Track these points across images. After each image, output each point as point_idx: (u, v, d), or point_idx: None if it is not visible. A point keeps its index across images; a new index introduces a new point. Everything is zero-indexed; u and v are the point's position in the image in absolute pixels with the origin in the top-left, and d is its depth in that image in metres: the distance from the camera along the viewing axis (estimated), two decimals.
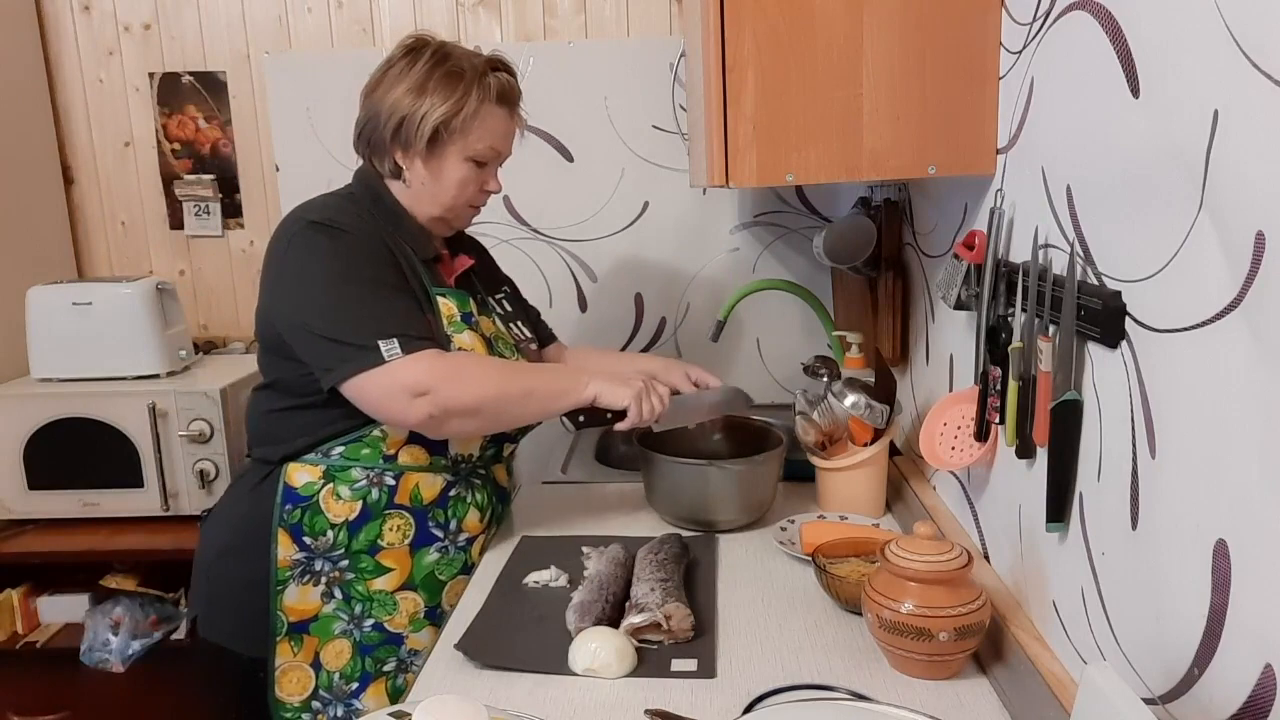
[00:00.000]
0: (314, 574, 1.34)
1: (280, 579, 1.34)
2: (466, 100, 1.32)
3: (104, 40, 2.31)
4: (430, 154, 1.34)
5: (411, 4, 2.24)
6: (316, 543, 1.34)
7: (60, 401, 1.99)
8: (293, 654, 1.34)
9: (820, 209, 2.24)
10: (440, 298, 1.35)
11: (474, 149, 1.36)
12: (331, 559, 1.34)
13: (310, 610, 1.35)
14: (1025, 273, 1.02)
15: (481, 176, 1.39)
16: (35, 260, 2.23)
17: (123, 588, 2.07)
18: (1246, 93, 0.65)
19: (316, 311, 1.25)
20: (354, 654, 1.36)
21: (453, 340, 1.33)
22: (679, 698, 1.08)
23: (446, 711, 0.78)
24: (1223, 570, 0.69)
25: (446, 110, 1.31)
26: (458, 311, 1.36)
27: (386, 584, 1.36)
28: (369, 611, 1.36)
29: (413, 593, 1.38)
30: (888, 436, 1.54)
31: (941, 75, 1.18)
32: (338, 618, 1.35)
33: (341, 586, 1.35)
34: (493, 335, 1.43)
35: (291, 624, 1.34)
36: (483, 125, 1.35)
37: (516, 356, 1.44)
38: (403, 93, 1.32)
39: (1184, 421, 0.75)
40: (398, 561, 1.36)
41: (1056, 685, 0.95)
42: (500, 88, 1.36)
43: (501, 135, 1.39)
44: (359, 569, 1.35)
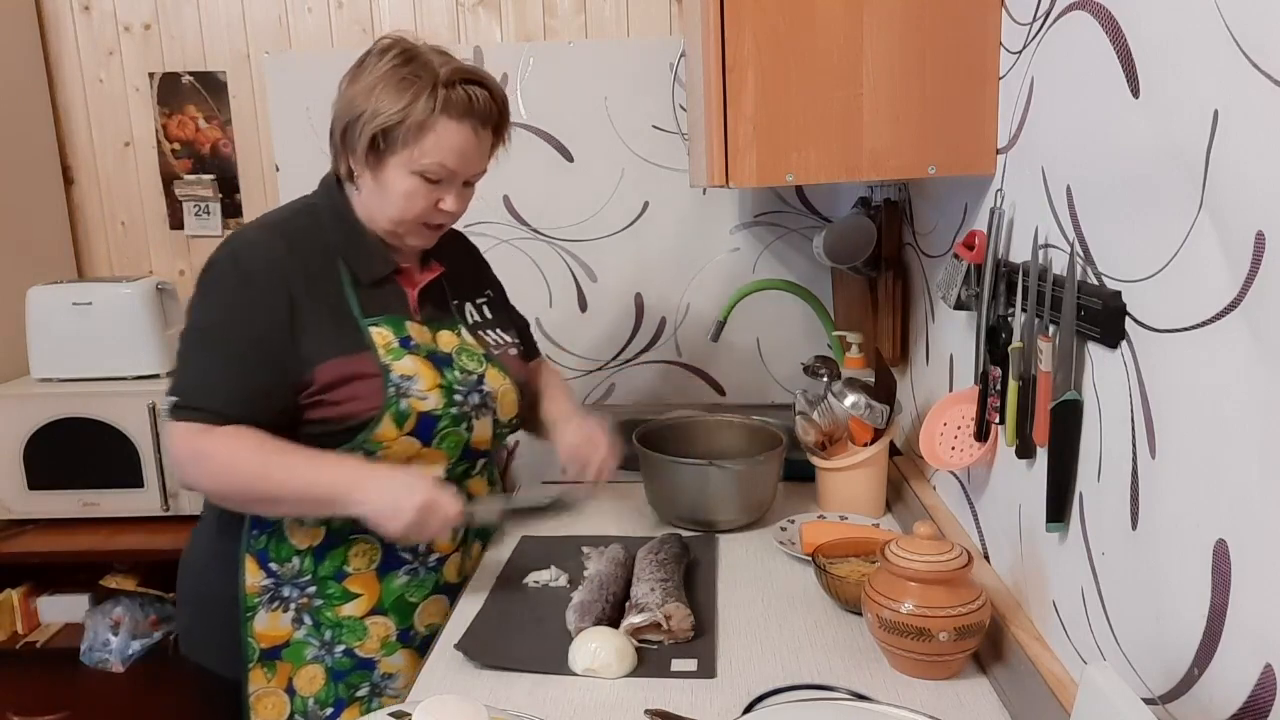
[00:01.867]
0: (283, 600, 1.30)
1: (249, 605, 1.30)
2: (412, 109, 1.21)
3: (104, 40, 2.30)
4: (374, 161, 1.25)
5: (411, 4, 2.24)
6: (283, 569, 1.30)
7: (60, 401, 1.99)
8: (266, 680, 1.31)
9: (820, 209, 2.24)
10: (374, 328, 1.27)
11: (419, 163, 1.24)
12: (299, 585, 1.30)
13: (282, 636, 1.31)
14: (1025, 273, 1.03)
15: (434, 193, 1.27)
16: (35, 260, 2.23)
17: (123, 588, 2.07)
18: (1246, 93, 0.65)
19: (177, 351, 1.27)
20: (327, 680, 1.32)
21: (391, 369, 1.25)
22: (679, 698, 1.08)
23: (446, 711, 0.78)
24: (1223, 570, 0.69)
25: (388, 118, 1.21)
26: (394, 338, 1.28)
27: (355, 610, 1.31)
28: (339, 638, 1.31)
29: (383, 617, 1.33)
30: (888, 436, 1.54)
31: (941, 75, 1.18)
32: (309, 644, 1.31)
33: (310, 613, 1.31)
34: (456, 349, 1.35)
35: (264, 650, 1.30)
36: (432, 140, 1.23)
37: (484, 367, 1.36)
38: (356, 92, 1.24)
39: (1184, 421, 0.75)
40: (365, 587, 1.32)
41: (1056, 685, 0.95)
42: (459, 101, 1.23)
43: (455, 152, 1.25)
44: (326, 595, 1.31)
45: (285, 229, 1.30)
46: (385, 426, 1.25)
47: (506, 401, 1.39)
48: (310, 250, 1.28)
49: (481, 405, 1.35)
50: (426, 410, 1.27)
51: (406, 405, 1.26)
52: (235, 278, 1.25)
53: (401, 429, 1.26)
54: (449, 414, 1.30)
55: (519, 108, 2.22)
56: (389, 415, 1.25)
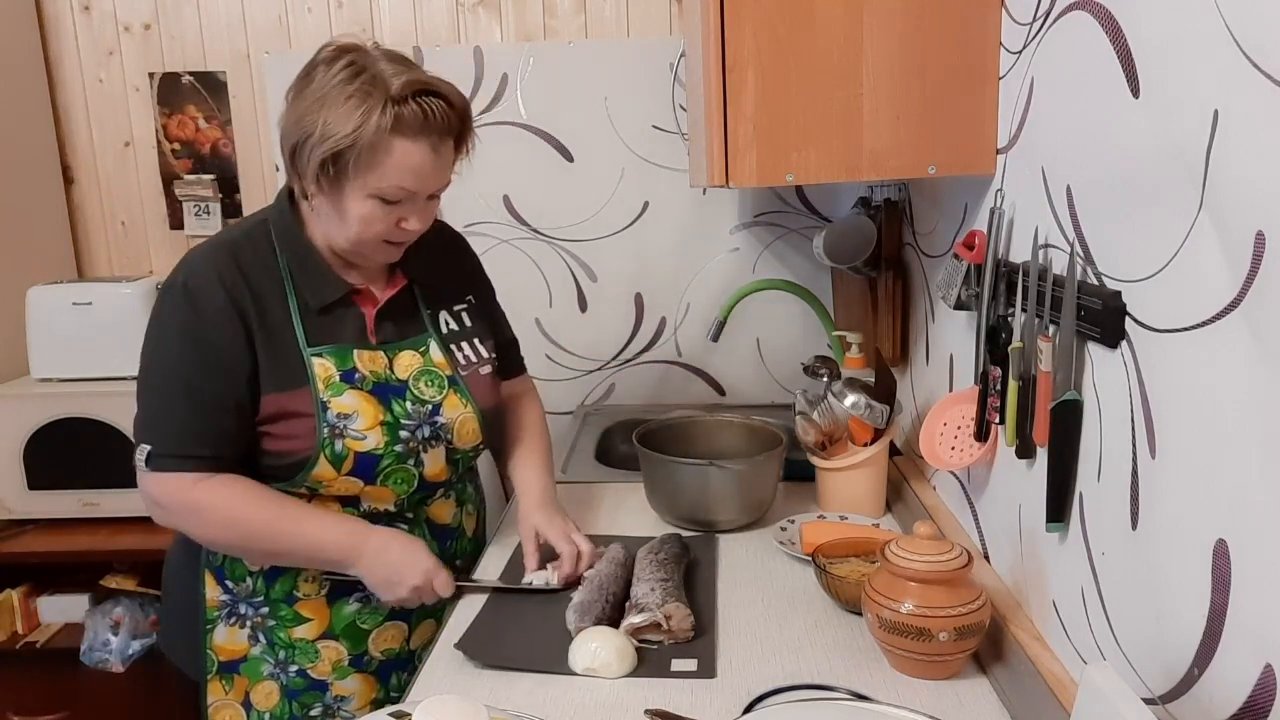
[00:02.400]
0: (239, 617, 1.29)
1: (209, 618, 1.29)
2: (363, 131, 1.11)
3: (104, 40, 2.31)
4: (327, 186, 1.16)
5: (411, 4, 2.24)
6: (238, 587, 1.29)
7: (60, 401, 1.99)
8: (224, 693, 1.31)
9: (820, 209, 2.24)
10: (316, 359, 1.22)
11: (376, 187, 1.15)
12: (253, 604, 1.29)
13: (239, 651, 1.30)
14: (1025, 273, 1.03)
15: (395, 214, 1.19)
16: (35, 260, 2.23)
17: (123, 588, 2.07)
18: (1246, 93, 0.65)
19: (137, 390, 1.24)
20: (282, 697, 1.31)
21: (329, 406, 1.21)
22: (679, 698, 1.08)
23: (446, 711, 0.78)
24: (1223, 570, 0.69)
25: (337, 142, 1.11)
26: (336, 371, 1.22)
27: (307, 633, 1.30)
28: (292, 658, 1.30)
29: (334, 641, 1.31)
30: (888, 436, 1.54)
31: (941, 75, 1.18)
32: (265, 660, 1.30)
33: (264, 632, 1.30)
34: (414, 373, 1.29)
35: (222, 663, 1.30)
36: (386, 161, 1.13)
37: (444, 393, 1.31)
38: (305, 108, 1.14)
39: (1184, 421, 0.75)
40: (315, 612, 1.30)
41: (1056, 685, 0.95)
42: (413, 118, 1.13)
43: (413, 171, 1.15)
44: (279, 616, 1.29)
45: (236, 249, 1.24)
46: (321, 467, 1.22)
47: (465, 431, 1.34)
48: (260, 273, 1.23)
49: (433, 437, 1.30)
50: (365, 450, 1.23)
51: (342, 446, 1.22)
52: (189, 311, 1.20)
53: (339, 470, 1.23)
54: (392, 452, 1.25)
55: (519, 108, 2.22)
56: (324, 456, 1.21)
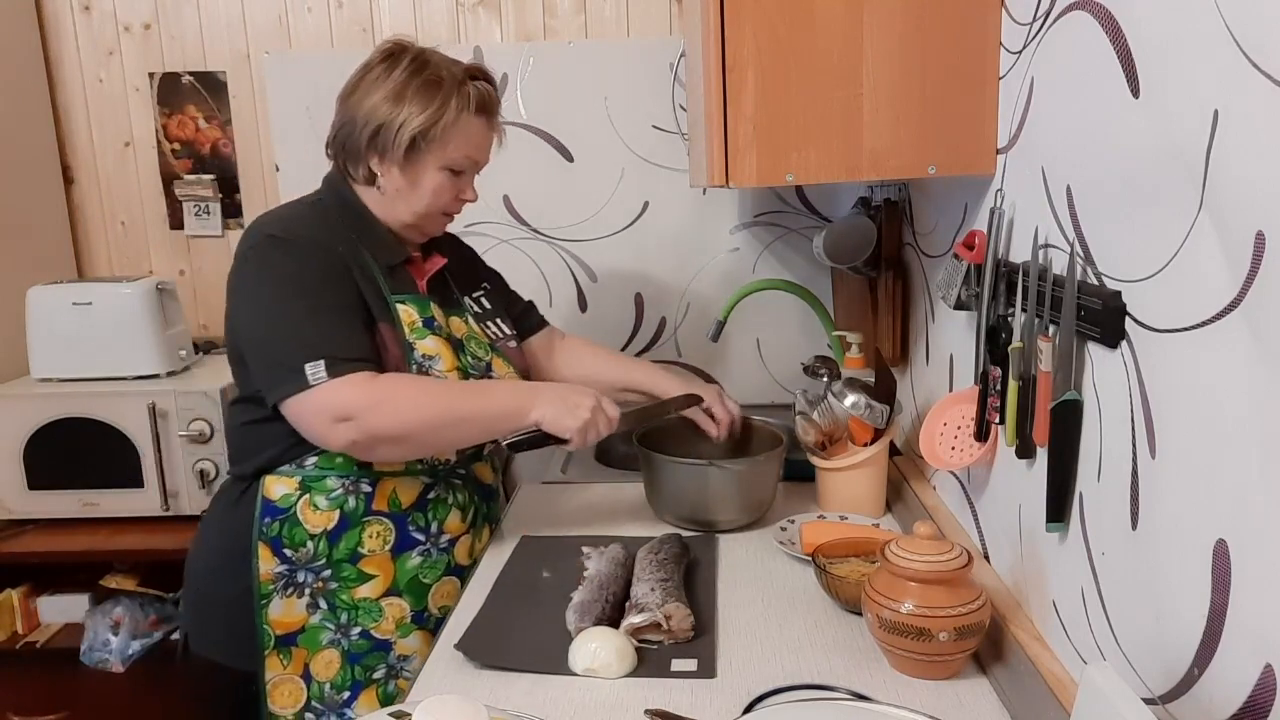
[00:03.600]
0: (297, 586, 1.33)
1: (264, 593, 1.32)
2: (445, 110, 1.31)
3: (104, 40, 2.31)
4: (407, 162, 1.33)
5: (411, 4, 2.24)
6: (297, 554, 1.32)
7: (60, 401, 1.99)
8: (283, 667, 1.33)
9: (820, 209, 2.24)
10: (400, 305, 1.34)
11: (451, 158, 1.34)
12: (314, 570, 1.33)
13: (296, 622, 1.33)
14: (1025, 273, 1.03)
15: (457, 185, 1.38)
16: (35, 260, 2.23)
17: (123, 588, 2.06)
18: (1246, 93, 0.65)
19: (260, 331, 1.27)
20: (343, 663, 1.34)
21: (415, 347, 1.32)
22: (679, 698, 1.08)
23: (446, 711, 0.78)
24: (1223, 570, 0.69)
25: (425, 120, 1.30)
26: (419, 317, 1.35)
27: (371, 591, 1.35)
28: (355, 620, 1.34)
29: (398, 598, 1.36)
30: (888, 436, 1.54)
31: (941, 75, 1.18)
32: (324, 628, 1.34)
33: (325, 597, 1.34)
34: (465, 335, 1.42)
35: (279, 637, 1.33)
36: (461, 135, 1.33)
37: (490, 355, 1.44)
38: (380, 99, 1.31)
39: (1184, 421, 0.75)
40: (380, 568, 1.35)
41: (1056, 685, 0.95)
42: (479, 97, 1.34)
43: (479, 145, 1.38)
44: (342, 578, 1.34)
45: (305, 212, 1.36)
46: None
47: None
48: (335, 233, 1.33)
49: None
50: None
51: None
52: (287, 249, 1.28)
53: None
54: None
55: (519, 108, 2.22)
56: None
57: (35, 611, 2.10)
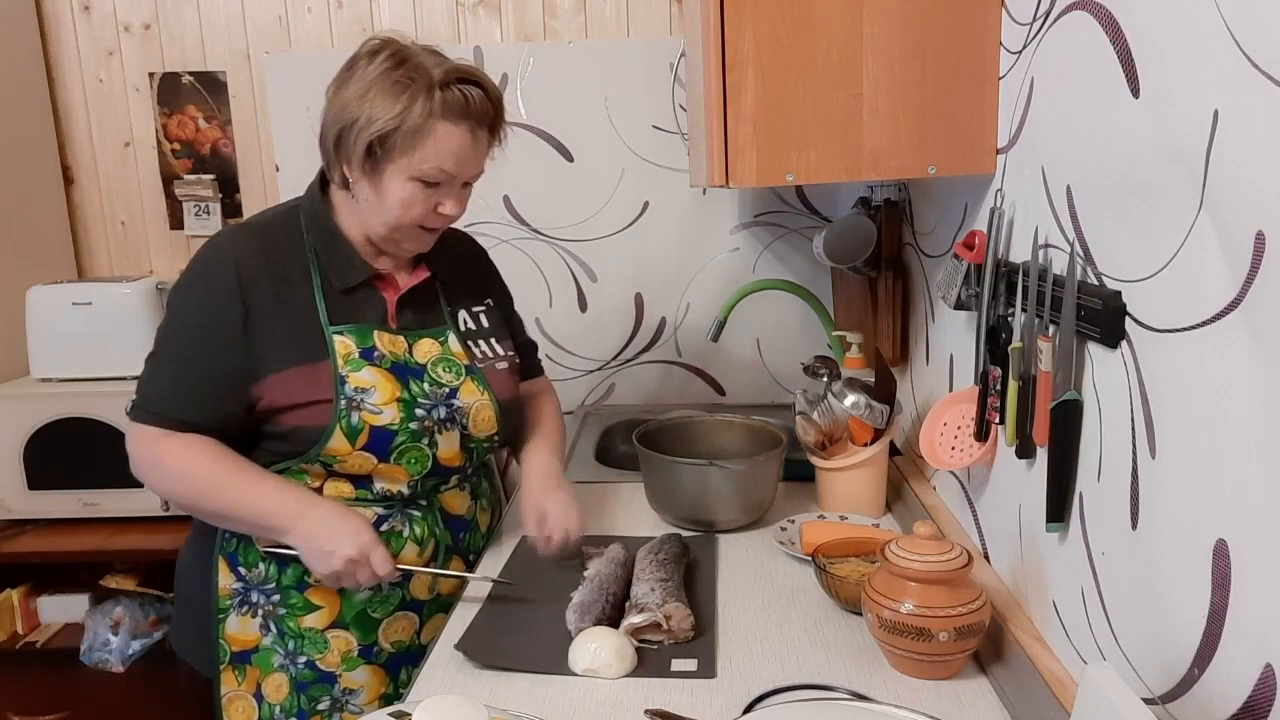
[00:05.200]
0: (251, 605, 1.30)
1: (221, 607, 1.30)
2: (409, 113, 1.17)
3: (104, 40, 2.31)
4: (371, 169, 1.22)
5: (411, 4, 2.24)
6: (250, 574, 1.30)
7: (60, 401, 1.99)
8: (237, 684, 1.31)
9: (820, 209, 2.24)
10: (338, 336, 1.26)
11: (419, 169, 1.21)
12: (265, 592, 1.30)
13: (251, 641, 1.30)
14: (1025, 273, 1.03)
15: (433, 197, 1.24)
16: (35, 260, 2.23)
17: (123, 588, 2.07)
18: (1246, 93, 0.65)
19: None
20: (291, 689, 1.31)
21: (348, 380, 1.24)
22: (679, 698, 1.08)
23: (446, 711, 0.78)
24: (1223, 570, 0.69)
25: (385, 124, 1.17)
26: (356, 348, 1.26)
27: (316, 621, 1.30)
28: (301, 649, 1.30)
29: (344, 631, 1.31)
30: (888, 436, 1.54)
31: (941, 75, 1.18)
32: (275, 651, 1.30)
33: (275, 621, 1.30)
34: (434, 359, 1.32)
35: (234, 653, 1.30)
36: (429, 143, 1.20)
37: (461, 379, 1.33)
38: (349, 98, 1.20)
39: (1184, 421, 0.75)
40: (325, 599, 1.30)
41: (1056, 685, 0.95)
42: (455, 102, 1.20)
43: (453, 156, 1.22)
44: (289, 605, 1.29)
45: (265, 230, 1.31)
46: (336, 440, 1.24)
47: (480, 418, 1.35)
48: (286, 253, 1.28)
49: (448, 419, 1.31)
50: (381, 425, 1.25)
51: (358, 419, 1.24)
52: (196, 283, 1.27)
53: (354, 444, 1.24)
54: (408, 429, 1.27)
55: (519, 108, 2.22)
56: (339, 428, 1.23)
57: (35, 611, 2.10)
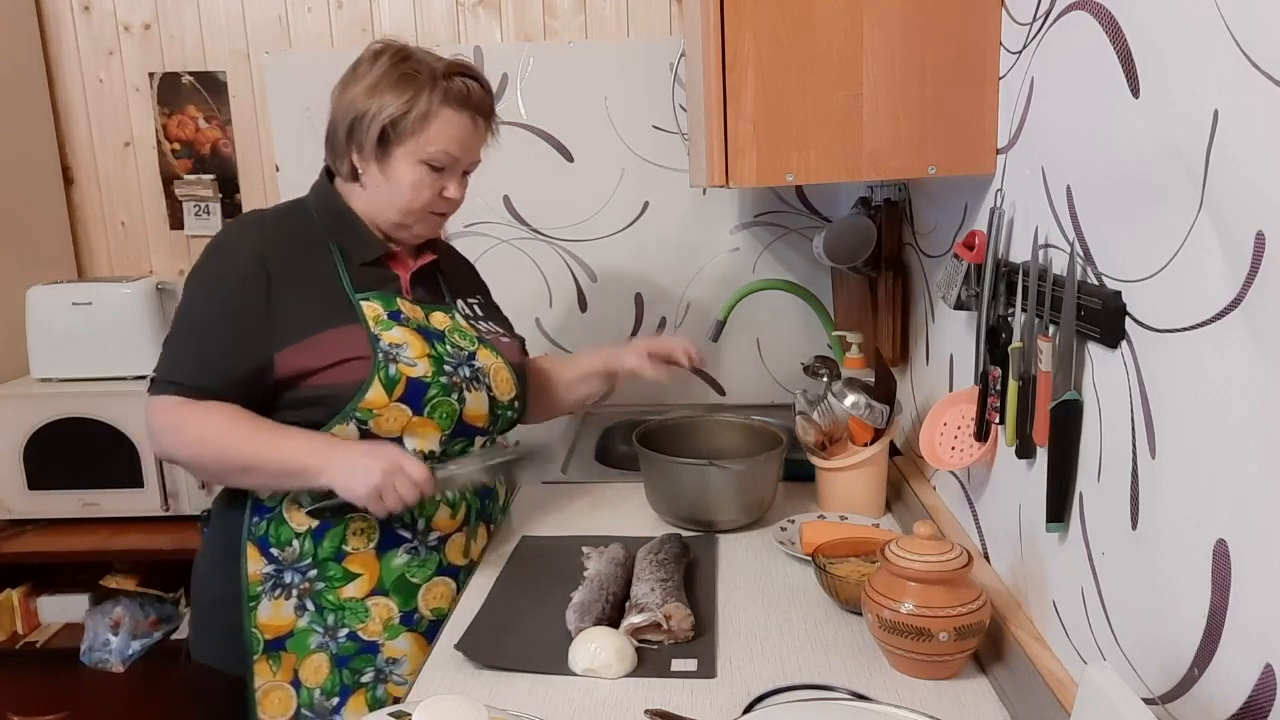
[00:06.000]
0: (284, 587, 1.31)
1: (252, 594, 1.31)
2: (417, 101, 1.29)
3: (104, 40, 2.31)
4: (381, 154, 1.32)
5: (411, 4, 2.24)
6: (284, 554, 1.31)
7: (60, 401, 1.99)
8: (272, 673, 1.32)
9: (820, 209, 2.24)
10: (364, 301, 1.32)
11: (425, 152, 1.31)
12: (300, 570, 1.31)
13: (285, 626, 1.32)
14: (1025, 273, 1.03)
15: (439, 182, 1.35)
16: (35, 260, 2.23)
17: (123, 588, 2.07)
18: (1246, 93, 0.65)
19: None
20: (332, 668, 1.32)
21: (381, 338, 1.29)
22: (679, 698, 1.08)
23: (446, 711, 0.78)
24: (1223, 570, 0.69)
25: (395, 110, 1.29)
26: (384, 311, 1.32)
27: (356, 590, 1.32)
28: (342, 621, 1.32)
29: (384, 598, 1.33)
30: (888, 436, 1.54)
31: (941, 75, 1.18)
32: (313, 630, 1.32)
33: (313, 598, 1.32)
34: (449, 328, 1.39)
35: (268, 641, 1.31)
36: (437, 128, 1.31)
37: (476, 346, 1.40)
38: (358, 93, 1.31)
39: (1184, 421, 0.75)
40: (365, 566, 1.33)
41: (1056, 685, 0.95)
42: (460, 92, 1.32)
43: (457, 141, 1.33)
44: (328, 577, 1.32)
45: (278, 213, 1.40)
46: (374, 392, 1.27)
47: (500, 379, 1.41)
48: (301, 236, 1.35)
49: (473, 379, 1.37)
50: (416, 376, 1.29)
51: (395, 370, 1.28)
52: (216, 258, 1.32)
53: (391, 395, 1.28)
54: (439, 382, 1.31)
55: (519, 108, 2.22)
56: (378, 380, 1.27)
57: (35, 611, 2.10)
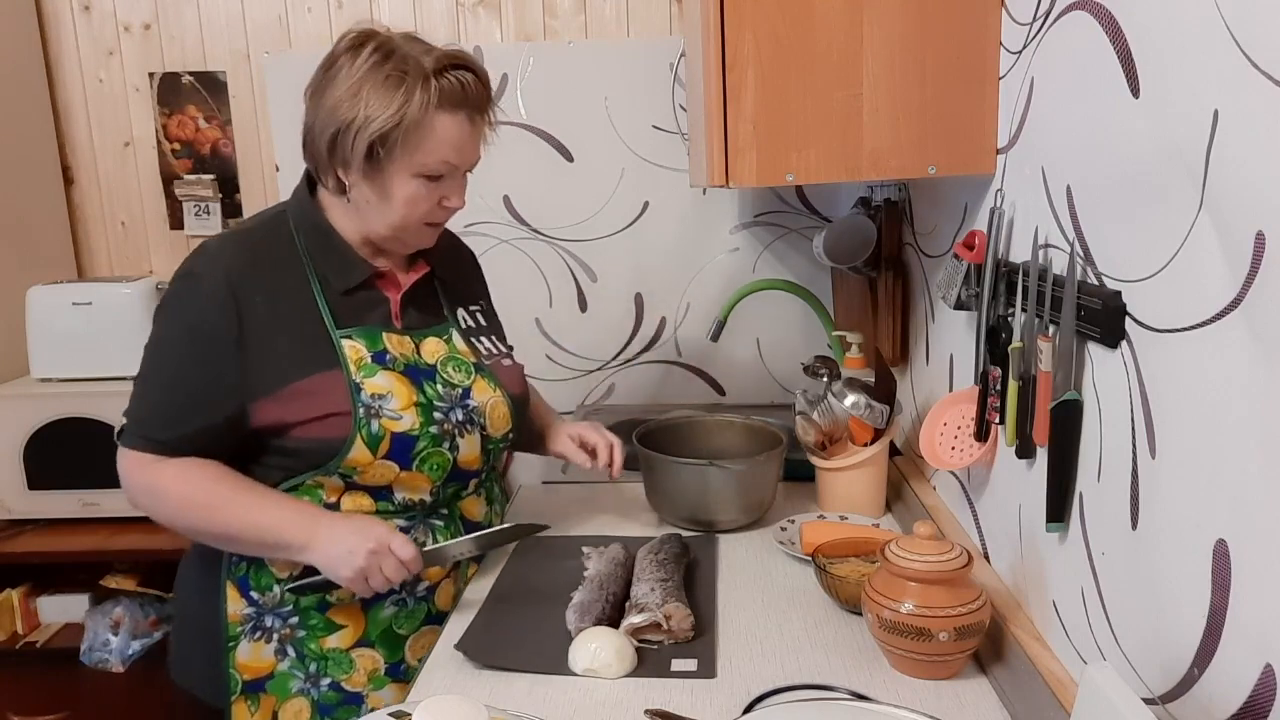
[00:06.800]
0: (265, 630, 1.24)
1: (232, 634, 1.24)
2: (407, 108, 1.13)
3: (104, 40, 2.31)
4: (372, 171, 1.17)
5: (411, 4, 2.24)
6: (264, 598, 1.24)
7: (60, 401, 1.99)
8: (250, 714, 1.25)
9: (820, 209, 2.24)
10: (346, 341, 1.21)
11: (423, 164, 1.17)
12: (281, 615, 1.24)
13: (265, 668, 1.24)
14: (1025, 273, 1.03)
15: (437, 191, 1.21)
16: (35, 260, 2.23)
17: (123, 588, 2.07)
18: (1246, 93, 0.65)
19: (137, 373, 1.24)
20: (313, 714, 1.25)
21: (363, 387, 1.19)
22: (679, 698, 1.08)
23: (446, 711, 0.78)
24: (1223, 570, 0.69)
25: (384, 122, 1.13)
26: (367, 353, 1.21)
27: (340, 641, 1.25)
28: (324, 670, 1.24)
29: (369, 649, 1.26)
30: (888, 436, 1.54)
31: (941, 75, 1.18)
32: (293, 675, 1.25)
33: (293, 644, 1.24)
34: (442, 359, 1.28)
35: (246, 682, 1.24)
36: (431, 136, 1.16)
37: (472, 378, 1.30)
38: (339, 99, 1.15)
39: (1184, 421, 0.75)
40: (350, 618, 1.25)
41: (1056, 685, 0.95)
42: (452, 91, 1.16)
43: (455, 145, 1.19)
44: (309, 625, 1.24)
45: (253, 237, 1.25)
46: (357, 451, 1.19)
47: (496, 415, 1.32)
48: (278, 261, 1.22)
49: (466, 421, 1.28)
50: (401, 431, 1.20)
51: (378, 426, 1.19)
52: (185, 297, 1.20)
53: (375, 453, 1.20)
54: (428, 434, 1.23)
55: (519, 108, 2.22)
56: (360, 438, 1.18)
57: (35, 611, 2.10)
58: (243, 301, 1.18)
